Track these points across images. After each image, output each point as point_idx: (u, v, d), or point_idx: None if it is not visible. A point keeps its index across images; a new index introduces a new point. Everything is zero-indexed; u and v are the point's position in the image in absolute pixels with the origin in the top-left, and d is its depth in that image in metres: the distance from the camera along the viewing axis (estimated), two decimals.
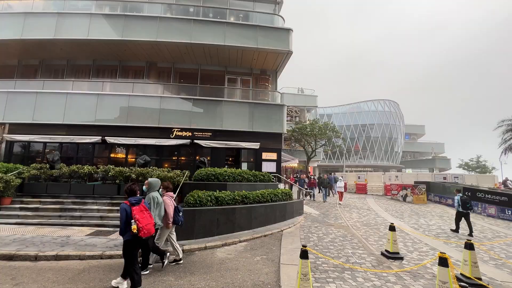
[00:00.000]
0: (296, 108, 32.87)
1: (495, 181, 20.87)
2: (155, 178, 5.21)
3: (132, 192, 4.07)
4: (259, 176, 10.16)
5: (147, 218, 3.93)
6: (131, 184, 4.18)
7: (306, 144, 26.48)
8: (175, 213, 5.14)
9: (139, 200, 3.99)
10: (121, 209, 3.81)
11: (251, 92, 14.59)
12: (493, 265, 5.72)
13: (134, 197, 3.99)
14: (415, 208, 14.14)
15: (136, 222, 3.71)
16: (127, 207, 3.81)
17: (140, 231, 3.71)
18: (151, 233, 3.93)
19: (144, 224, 3.79)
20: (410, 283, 4.46)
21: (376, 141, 46.31)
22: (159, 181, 5.18)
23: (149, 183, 5.05)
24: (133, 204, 3.87)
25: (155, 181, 5.09)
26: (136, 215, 3.75)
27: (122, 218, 3.77)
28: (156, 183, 5.07)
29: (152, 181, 5.06)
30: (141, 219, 3.78)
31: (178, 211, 5.24)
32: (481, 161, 42.38)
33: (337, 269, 4.96)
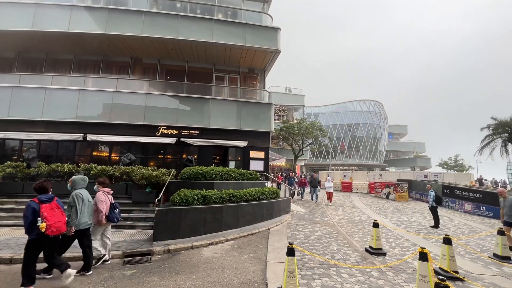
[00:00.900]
0: (284, 107, 33.07)
1: (471, 179, 21.94)
2: (81, 176, 4.98)
3: (43, 190, 4.00)
4: (247, 175, 10.15)
5: (58, 216, 3.89)
6: (42, 181, 4.11)
7: (294, 143, 26.73)
8: (110, 210, 5.03)
9: (50, 198, 3.95)
10: (28, 207, 3.72)
11: (239, 90, 14.53)
12: (469, 258, 6.01)
13: (45, 195, 3.94)
14: (397, 205, 14.62)
15: (44, 220, 3.66)
16: (35, 205, 3.74)
17: (48, 229, 3.68)
18: (61, 231, 3.93)
19: (53, 222, 3.75)
20: (392, 278, 4.60)
21: (361, 141, 47.47)
22: (85, 178, 4.94)
23: (72, 180, 4.81)
24: (43, 201, 3.81)
25: (79, 178, 4.85)
26: (44, 213, 3.71)
27: (27, 216, 3.66)
28: (80, 180, 4.84)
29: (75, 179, 4.82)
30: (49, 217, 3.74)
31: (114, 208, 5.14)
32: (458, 160, 44.43)
33: (323, 266, 5.04)
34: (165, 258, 5.45)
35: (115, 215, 5.11)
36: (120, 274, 4.56)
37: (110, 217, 5.02)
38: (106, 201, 5.01)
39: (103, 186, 5.24)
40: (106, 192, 5.16)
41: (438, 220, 9.36)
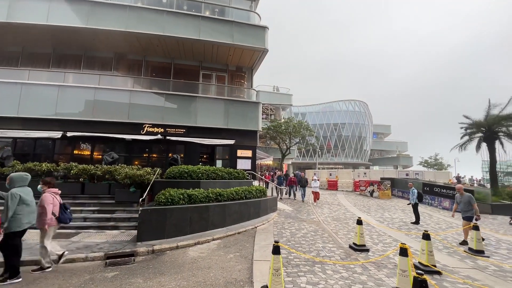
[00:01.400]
0: (272, 106, 33.22)
1: (449, 177, 22.94)
2: (21, 173, 4.61)
3: None
4: (234, 174, 10.11)
5: None
6: None
7: (281, 142, 26.92)
8: (61, 211, 4.82)
9: None
10: None
11: (227, 88, 14.43)
12: (446, 253, 6.28)
13: None
14: (380, 202, 15.06)
15: None
16: None
17: None
18: None
19: None
20: (374, 273, 4.73)
21: (347, 140, 48.50)
22: (25, 176, 4.58)
23: (10, 178, 4.44)
24: None
25: (17, 176, 4.49)
26: None
27: None
28: (19, 177, 4.48)
29: (13, 176, 4.45)
30: None
31: (65, 208, 4.93)
32: (438, 159, 46.33)
33: (308, 263, 5.11)
34: (149, 258, 5.34)
35: (67, 216, 4.88)
36: (102, 277, 4.42)
37: (62, 218, 4.78)
38: (54, 203, 4.75)
39: (49, 187, 4.91)
40: (53, 193, 4.86)
41: (419, 216, 9.72)
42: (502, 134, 17.22)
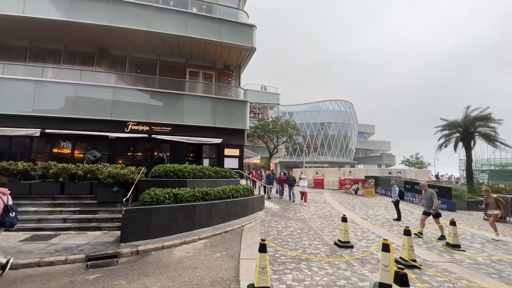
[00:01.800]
0: (259, 105, 33.26)
1: (429, 175, 23.89)
2: None
3: None
4: (221, 172, 10.06)
5: None
6: None
7: (269, 141, 27.04)
8: (4, 213, 4.32)
9: None
10: None
11: (214, 87, 14.29)
12: (425, 248, 6.54)
13: None
14: (365, 200, 15.47)
15: None
16: None
17: None
18: None
19: None
20: (358, 269, 4.86)
21: (333, 139, 49.41)
22: None
23: None
24: None
25: None
26: None
27: None
28: None
29: None
30: None
31: (10, 211, 4.41)
32: (419, 158, 48.15)
33: (294, 260, 5.17)
34: (133, 260, 5.22)
35: (9, 219, 4.35)
36: (82, 279, 4.27)
37: (1, 221, 4.30)
38: None
39: None
40: (1, 193, 4.48)
41: (400, 213, 10.08)
42: (477, 134, 18.13)
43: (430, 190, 7.77)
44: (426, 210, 7.66)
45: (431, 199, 7.57)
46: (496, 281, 4.55)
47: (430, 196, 7.62)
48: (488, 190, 8.62)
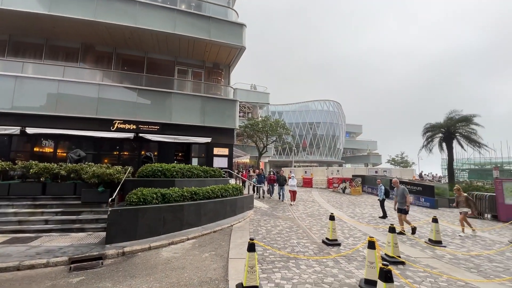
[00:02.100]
0: (249, 104, 33.24)
1: (413, 174, 24.64)
2: None
3: None
4: (210, 172, 9.99)
5: None
6: None
7: (258, 140, 27.09)
8: None
9: None
10: None
11: (203, 85, 14.16)
12: (409, 244, 6.75)
13: None
14: (352, 199, 15.78)
15: None
16: None
17: None
18: None
19: None
20: (345, 266, 4.96)
21: (322, 139, 50.08)
22: None
23: None
24: None
25: None
26: None
27: None
28: None
29: None
30: None
31: None
32: (404, 157, 49.60)
33: (283, 259, 5.21)
34: (119, 261, 5.10)
35: None
36: (65, 282, 4.14)
37: None
38: None
39: None
40: None
41: (385, 211, 10.34)
42: (458, 134, 18.86)
43: (402, 187, 7.88)
44: (400, 207, 7.74)
45: (403, 195, 7.62)
46: (474, 275, 4.76)
47: (402, 193, 7.68)
48: (459, 189, 8.84)
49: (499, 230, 9.08)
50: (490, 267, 5.24)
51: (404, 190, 7.75)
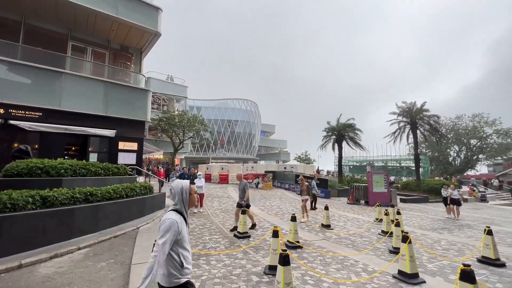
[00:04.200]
0: (165, 96, 30.93)
1: (313, 169, 28.68)
2: None
3: None
4: (112, 169, 8.74)
5: None
6: None
7: (174, 135, 25.59)
8: None
9: None
10: None
11: (108, 69, 12.23)
12: (307, 230, 7.82)
13: None
14: (264, 193, 17.02)
15: None
16: None
17: None
18: None
19: None
20: (253, 256, 5.28)
21: (239, 136, 51.83)
22: None
23: None
24: None
25: None
26: None
27: None
28: None
29: None
30: None
31: None
32: (307, 155, 57.22)
33: (193, 257, 5.08)
34: None
35: None
36: None
37: None
38: None
39: None
40: None
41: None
42: (347, 136, 23.15)
43: (244, 181, 7.38)
44: (239, 202, 7.25)
45: (244, 190, 7.25)
46: (350, 250, 5.95)
47: (243, 187, 7.29)
48: (303, 178, 9.85)
49: (368, 212, 11.67)
50: (361, 242, 6.68)
51: (245, 185, 7.32)
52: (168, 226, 1.85)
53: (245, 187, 7.34)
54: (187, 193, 2.09)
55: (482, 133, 37.43)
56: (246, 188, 7.33)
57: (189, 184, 2.12)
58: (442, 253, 5.96)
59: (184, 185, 2.09)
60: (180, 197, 2.07)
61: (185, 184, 2.10)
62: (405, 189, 20.68)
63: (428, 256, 5.64)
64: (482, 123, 37.36)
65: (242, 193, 7.30)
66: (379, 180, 14.52)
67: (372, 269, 4.74)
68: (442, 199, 11.73)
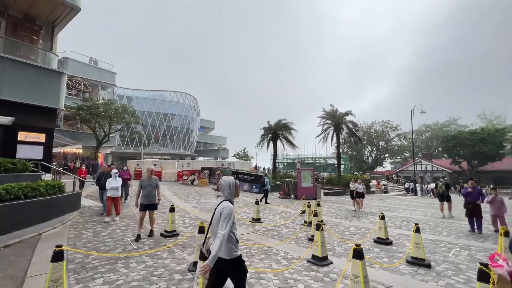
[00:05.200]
0: (87, 81, 26.91)
1: (250, 166, 29.58)
2: None
3: None
4: (7, 165, 7.18)
5: None
6: None
7: (98, 127, 22.56)
8: None
9: None
10: None
11: (4, 41, 9.91)
12: (238, 225, 8.02)
13: None
14: (199, 190, 16.67)
15: None
16: None
17: None
18: None
19: None
20: (179, 254, 5.14)
21: (176, 131, 49.21)
22: None
23: None
24: None
25: None
26: None
27: None
28: None
29: None
30: None
31: None
32: (246, 152, 58.62)
33: (110, 262, 4.63)
34: None
35: None
36: None
37: None
38: None
39: None
40: None
41: None
42: (281, 135, 24.64)
43: (155, 177, 6.46)
44: (144, 202, 6.19)
45: (154, 187, 6.38)
46: (275, 240, 6.40)
47: (156, 184, 6.43)
48: (220, 173, 10.05)
49: (296, 205, 12.72)
50: (286, 232, 7.25)
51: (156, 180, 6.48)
52: (230, 211, 2.46)
53: (157, 184, 6.39)
54: (234, 186, 2.66)
55: (387, 136, 45.29)
56: (158, 186, 6.43)
57: (235, 180, 2.70)
58: (350, 237, 6.99)
59: (232, 180, 2.67)
60: (229, 190, 2.63)
61: (232, 180, 2.68)
62: (329, 184, 23.36)
63: (338, 241, 6.52)
64: (388, 128, 45.19)
65: (150, 190, 6.19)
66: (307, 176, 15.98)
67: (291, 257, 5.21)
68: (350, 192, 12.50)
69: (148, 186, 6.23)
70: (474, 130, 39.47)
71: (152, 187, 6.30)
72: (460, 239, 7.11)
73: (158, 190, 6.47)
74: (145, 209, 6.20)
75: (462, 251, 5.98)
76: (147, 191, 6.21)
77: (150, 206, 6.27)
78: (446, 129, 54.26)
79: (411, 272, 4.60)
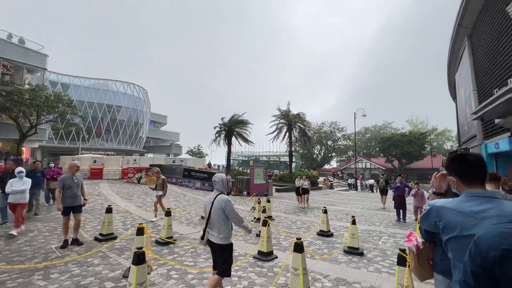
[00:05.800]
0: (7, 62, 22.69)
1: (204, 163, 28.89)
2: None
3: None
4: None
5: None
6: None
7: (22, 117, 19.25)
8: None
9: None
10: None
11: None
12: (186, 224, 7.70)
13: None
14: (146, 188, 15.54)
15: None
16: None
17: None
18: None
19: None
20: (114, 259, 4.65)
21: (122, 125, 45.14)
22: None
23: None
24: None
25: None
26: None
27: None
28: None
29: None
30: None
31: None
32: (200, 149, 57.04)
33: (25, 274, 3.94)
34: None
35: None
36: None
37: None
38: None
39: None
40: None
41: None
42: (235, 133, 24.59)
43: (79, 175, 5.59)
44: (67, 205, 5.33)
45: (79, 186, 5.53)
46: None
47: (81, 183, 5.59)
48: (159, 171, 9.05)
49: (248, 202, 12.84)
50: (235, 229, 7.18)
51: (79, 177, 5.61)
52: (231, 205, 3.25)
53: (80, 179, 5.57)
54: (225, 182, 3.39)
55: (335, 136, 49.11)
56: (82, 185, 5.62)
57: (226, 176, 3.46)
58: (296, 232, 7.30)
59: (224, 177, 3.40)
60: (222, 184, 3.32)
61: (224, 177, 3.41)
62: (281, 181, 24.22)
63: (284, 235, 6.74)
64: (335, 129, 48.99)
65: (76, 190, 5.40)
66: (260, 173, 16.26)
67: (237, 254, 5.18)
68: (295, 189, 12.39)
69: (72, 185, 5.32)
70: (404, 133, 45.65)
71: (77, 186, 5.46)
72: (388, 228, 8.06)
73: (83, 189, 5.67)
74: (70, 212, 5.35)
75: (389, 238, 6.76)
76: (72, 192, 5.32)
77: (75, 208, 5.40)
78: (382, 132, 61.34)
79: (347, 260, 5.00)
